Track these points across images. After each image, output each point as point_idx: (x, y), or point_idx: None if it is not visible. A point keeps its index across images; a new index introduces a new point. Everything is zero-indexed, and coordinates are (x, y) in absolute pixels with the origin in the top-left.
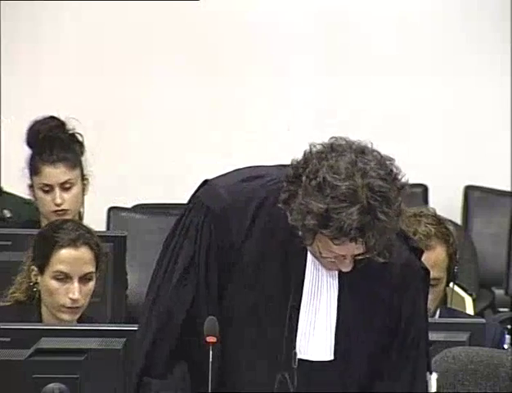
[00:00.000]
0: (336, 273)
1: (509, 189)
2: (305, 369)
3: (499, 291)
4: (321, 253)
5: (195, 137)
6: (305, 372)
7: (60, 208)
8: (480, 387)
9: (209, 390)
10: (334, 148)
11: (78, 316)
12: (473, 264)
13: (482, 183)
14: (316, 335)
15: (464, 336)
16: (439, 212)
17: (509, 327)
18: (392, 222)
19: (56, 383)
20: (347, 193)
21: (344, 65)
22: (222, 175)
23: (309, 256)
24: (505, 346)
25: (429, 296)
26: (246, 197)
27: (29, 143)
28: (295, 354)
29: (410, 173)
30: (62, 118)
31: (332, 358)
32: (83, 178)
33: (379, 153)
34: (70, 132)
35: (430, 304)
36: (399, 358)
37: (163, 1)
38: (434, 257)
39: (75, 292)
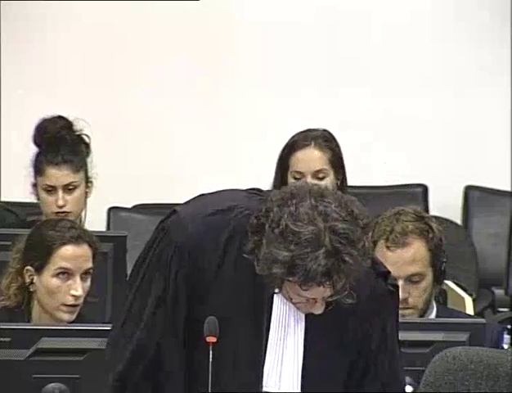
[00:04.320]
0: None
1: (509, 189)
2: None
3: (499, 291)
4: (291, 298)
5: (195, 138)
6: None
7: (62, 210)
8: (480, 387)
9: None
10: (294, 194)
11: (75, 315)
12: (473, 263)
13: (482, 183)
14: (284, 368)
15: (464, 336)
16: (439, 212)
17: (508, 327)
18: (357, 262)
19: (56, 383)
20: (310, 239)
21: (345, 66)
22: (191, 204)
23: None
24: (505, 346)
25: (415, 293)
26: (215, 233)
27: (36, 141)
28: None
29: (410, 174)
30: (70, 118)
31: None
32: (87, 180)
33: (339, 194)
34: (77, 133)
35: (417, 302)
36: (373, 384)
37: (164, 1)
38: (412, 253)
39: (78, 288)
